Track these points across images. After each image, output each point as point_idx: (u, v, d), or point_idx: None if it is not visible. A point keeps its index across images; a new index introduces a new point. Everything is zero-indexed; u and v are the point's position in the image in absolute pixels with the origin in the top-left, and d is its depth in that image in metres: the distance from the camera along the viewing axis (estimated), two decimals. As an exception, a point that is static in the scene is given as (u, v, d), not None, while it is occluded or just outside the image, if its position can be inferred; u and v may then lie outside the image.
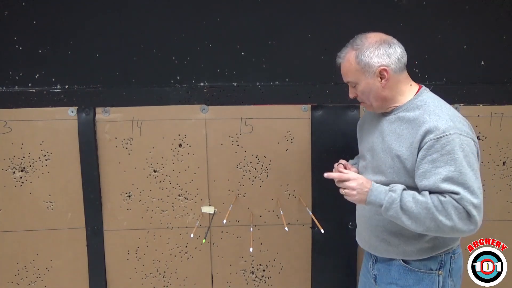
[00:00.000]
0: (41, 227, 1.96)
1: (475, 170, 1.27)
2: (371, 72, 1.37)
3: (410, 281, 1.42)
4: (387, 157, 1.39)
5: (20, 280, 2.00)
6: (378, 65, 1.35)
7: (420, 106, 1.36)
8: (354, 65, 1.39)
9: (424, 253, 1.39)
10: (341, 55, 1.44)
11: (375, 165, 1.44)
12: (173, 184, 1.97)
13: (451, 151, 1.25)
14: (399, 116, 1.39)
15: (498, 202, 2.02)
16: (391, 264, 1.45)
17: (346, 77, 1.44)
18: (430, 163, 1.27)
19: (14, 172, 1.93)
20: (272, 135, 1.96)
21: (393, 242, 1.42)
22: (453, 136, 1.26)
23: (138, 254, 2.01)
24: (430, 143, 1.27)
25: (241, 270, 2.04)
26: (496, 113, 1.97)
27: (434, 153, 1.26)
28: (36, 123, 1.91)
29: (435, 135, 1.26)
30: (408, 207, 1.28)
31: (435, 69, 1.97)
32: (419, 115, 1.33)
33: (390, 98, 1.40)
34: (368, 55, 1.36)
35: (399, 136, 1.37)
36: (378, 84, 1.38)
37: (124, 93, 1.93)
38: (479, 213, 1.24)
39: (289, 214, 1.99)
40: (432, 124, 1.28)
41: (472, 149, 1.28)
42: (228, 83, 1.95)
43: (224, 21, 1.92)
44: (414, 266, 1.41)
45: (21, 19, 1.87)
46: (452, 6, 1.93)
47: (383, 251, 1.46)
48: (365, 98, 1.43)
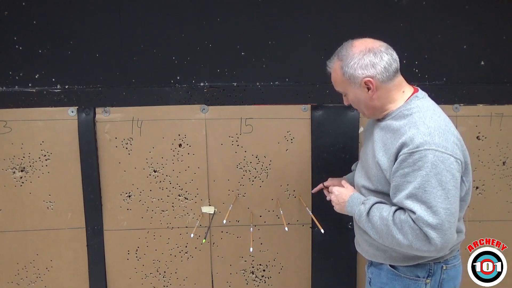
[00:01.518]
0: (41, 227, 1.96)
1: (446, 190, 1.19)
2: (357, 83, 1.33)
3: (397, 287, 1.41)
4: (372, 164, 1.38)
5: (20, 280, 2.00)
6: (362, 76, 1.31)
7: (406, 116, 1.31)
8: (340, 76, 1.37)
9: (410, 260, 1.37)
10: (329, 65, 1.43)
11: (365, 171, 1.45)
12: (173, 184, 1.97)
13: (421, 167, 1.19)
14: (387, 124, 1.36)
15: (498, 202, 2.02)
16: (381, 269, 1.46)
17: (336, 87, 1.44)
18: (402, 177, 1.24)
19: (14, 172, 1.93)
20: (272, 135, 1.96)
21: (380, 247, 1.41)
22: (427, 151, 1.19)
23: (138, 254, 2.01)
24: (403, 157, 1.23)
25: (241, 270, 2.04)
26: (496, 113, 1.97)
27: (406, 168, 1.23)
28: (36, 123, 1.91)
29: (409, 149, 1.22)
30: (373, 222, 1.31)
31: (435, 69, 1.97)
32: (402, 126, 1.29)
33: (380, 107, 1.37)
34: (352, 66, 1.32)
35: (384, 145, 1.35)
36: (366, 95, 1.34)
37: (124, 93, 1.93)
38: (440, 234, 1.17)
39: (289, 214, 1.99)
40: (408, 137, 1.23)
41: (448, 166, 1.20)
42: (228, 83, 1.95)
43: (224, 21, 1.92)
44: (401, 272, 1.40)
45: (21, 19, 1.87)
46: (452, 6, 1.93)
47: (372, 256, 1.47)
48: (356, 107, 1.43)
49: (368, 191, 1.42)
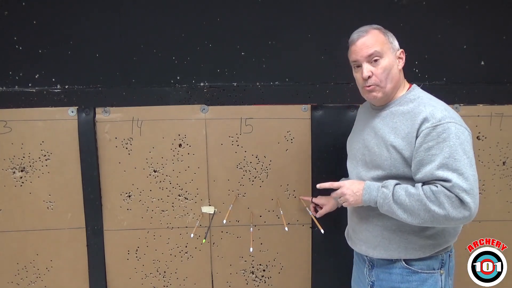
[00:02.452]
0: (41, 227, 1.96)
1: (470, 158, 1.27)
2: (395, 50, 1.42)
3: (413, 284, 1.40)
4: (382, 150, 1.39)
5: (20, 280, 2.00)
6: (398, 47, 1.43)
7: (414, 100, 1.39)
8: (383, 38, 1.40)
9: (427, 250, 1.38)
10: (361, 29, 1.41)
11: (369, 161, 1.45)
12: (173, 184, 1.97)
13: (446, 138, 1.26)
14: (391, 111, 1.42)
15: (498, 202, 2.02)
16: (391, 268, 1.43)
17: (373, 47, 1.37)
18: (426, 151, 1.28)
19: (14, 172, 1.93)
20: (272, 135, 1.96)
21: (393, 240, 1.40)
22: (449, 124, 1.27)
23: (138, 254, 2.01)
24: (427, 131, 1.28)
25: (241, 270, 2.04)
26: (496, 113, 1.97)
27: (430, 141, 1.28)
28: (36, 123, 1.91)
29: (432, 124, 1.28)
30: (401, 201, 1.30)
31: (435, 69, 1.97)
32: (414, 107, 1.36)
33: (397, 84, 1.42)
34: (392, 36, 1.43)
35: (393, 129, 1.38)
36: (396, 66, 1.41)
37: (124, 93, 1.93)
38: (473, 199, 1.24)
39: (289, 214, 1.99)
40: (428, 113, 1.30)
41: (467, 138, 1.29)
42: (228, 83, 1.95)
43: (224, 21, 1.92)
44: (417, 267, 1.39)
45: (21, 19, 1.88)
46: (452, 6, 1.94)
47: (383, 251, 1.43)
48: (383, 76, 1.38)
49: (379, 180, 1.40)
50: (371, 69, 1.39)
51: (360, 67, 1.42)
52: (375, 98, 1.43)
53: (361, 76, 1.41)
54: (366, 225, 1.47)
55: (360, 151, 1.50)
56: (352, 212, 1.57)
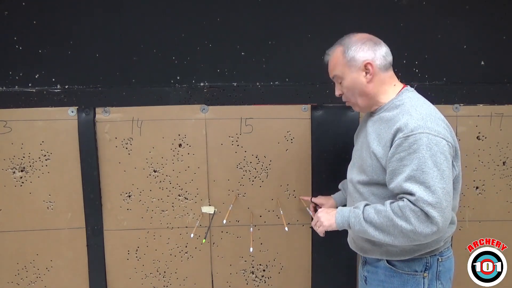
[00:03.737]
0: (41, 227, 1.96)
1: (441, 170, 1.24)
2: (356, 66, 1.39)
3: (395, 283, 1.42)
4: (367, 155, 1.41)
5: (20, 280, 2.00)
6: (363, 59, 1.38)
7: (398, 106, 1.37)
8: (341, 59, 1.42)
9: (407, 253, 1.38)
10: (329, 52, 1.48)
11: (359, 165, 1.47)
12: (173, 184, 1.97)
13: (417, 149, 1.24)
14: (380, 117, 1.42)
15: (498, 202, 2.02)
16: (378, 266, 1.46)
17: (333, 71, 1.46)
18: (398, 162, 1.28)
19: (14, 172, 1.93)
20: (272, 135, 1.96)
21: (377, 242, 1.40)
22: (421, 135, 1.25)
23: (138, 254, 2.01)
24: (399, 141, 1.28)
25: (241, 270, 2.04)
26: (496, 113, 1.97)
27: (402, 152, 1.27)
28: (36, 123, 1.91)
29: (404, 134, 1.27)
30: (370, 218, 1.31)
31: (435, 69, 1.97)
32: (395, 115, 1.35)
33: (373, 96, 1.42)
34: (355, 50, 1.40)
35: (377, 136, 1.39)
36: (363, 79, 1.40)
37: (124, 93, 1.93)
38: (440, 212, 1.21)
39: (289, 214, 1.99)
40: (402, 123, 1.29)
41: (441, 149, 1.25)
42: (228, 83, 1.95)
43: (224, 21, 1.92)
44: (398, 268, 1.41)
45: (21, 19, 1.87)
46: (452, 6, 1.94)
47: (369, 251, 1.47)
48: (350, 94, 1.44)
49: (363, 185, 1.44)
50: (340, 88, 1.47)
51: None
52: (356, 109, 1.50)
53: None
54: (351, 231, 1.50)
55: (356, 153, 1.53)
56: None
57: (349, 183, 1.55)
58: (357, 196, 1.47)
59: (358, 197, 1.46)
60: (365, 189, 1.43)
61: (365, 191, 1.44)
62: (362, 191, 1.44)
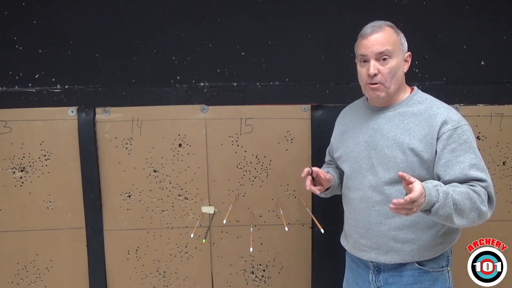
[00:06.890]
0: (41, 227, 1.96)
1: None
2: (404, 52, 1.41)
3: (426, 283, 1.39)
4: (395, 152, 1.36)
5: (20, 280, 2.00)
6: (407, 49, 1.42)
7: (422, 102, 1.40)
8: (395, 38, 1.38)
9: (438, 250, 1.40)
10: (376, 24, 1.36)
11: (377, 164, 1.39)
12: (173, 184, 1.97)
13: (467, 140, 1.31)
14: (399, 112, 1.41)
15: (498, 202, 1.98)
16: (402, 270, 1.40)
17: (385, 45, 1.34)
18: (451, 153, 1.30)
19: (14, 172, 1.93)
20: (272, 135, 1.96)
21: (406, 242, 1.37)
22: (466, 126, 1.33)
23: (138, 254, 2.01)
24: (448, 133, 1.31)
25: (241, 270, 2.04)
26: (496, 113, 1.97)
27: (453, 143, 1.30)
28: (36, 123, 1.91)
29: (452, 126, 1.31)
30: (455, 200, 1.19)
31: (435, 69, 1.97)
32: (426, 109, 1.37)
33: (398, 88, 1.42)
34: (403, 37, 1.42)
35: (406, 130, 1.36)
36: (402, 68, 1.41)
37: (124, 93, 1.93)
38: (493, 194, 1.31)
39: (289, 214, 1.99)
40: (446, 116, 1.33)
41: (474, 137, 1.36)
42: (228, 83, 1.95)
43: (224, 21, 1.92)
44: (428, 267, 1.40)
45: (21, 19, 1.87)
46: (452, 6, 1.93)
47: (396, 256, 1.39)
48: (389, 77, 1.35)
49: (393, 184, 1.35)
50: (379, 67, 1.35)
51: (367, 62, 1.36)
52: (378, 97, 1.39)
53: (366, 72, 1.36)
54: (378, 230, 1.41)
55: (363, 154, 1.44)
56: (358, 220, 1.48)
57: (358, 191, 1.45)
58: (379, 200, 1.37)
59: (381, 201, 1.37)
60: (393, 188, 1.35)
61: (392, 191, 1.35)
62: (390, 193, 1.36)
